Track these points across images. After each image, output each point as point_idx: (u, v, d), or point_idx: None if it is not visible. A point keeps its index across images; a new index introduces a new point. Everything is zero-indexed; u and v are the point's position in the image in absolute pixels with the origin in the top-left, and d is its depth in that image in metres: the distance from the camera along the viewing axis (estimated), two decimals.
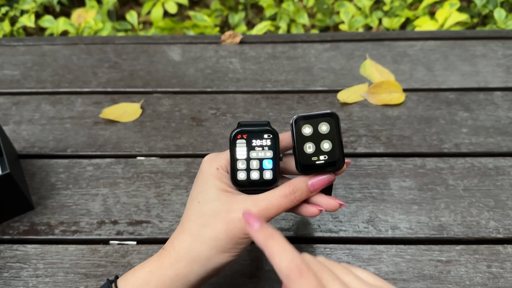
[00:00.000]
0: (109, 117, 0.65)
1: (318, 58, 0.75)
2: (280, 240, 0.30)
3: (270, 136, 0.38)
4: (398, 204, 0.54)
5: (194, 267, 0.37)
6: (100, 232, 0.52)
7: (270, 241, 0.30)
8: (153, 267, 0.37)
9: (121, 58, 0.76)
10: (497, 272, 0.47)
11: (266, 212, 0.37)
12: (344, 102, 0.67)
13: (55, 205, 0.55)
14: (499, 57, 0.73)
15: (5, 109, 0.67)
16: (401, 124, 0.63)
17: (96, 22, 1.32)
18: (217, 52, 0.77)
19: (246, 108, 0.67)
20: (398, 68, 0.72)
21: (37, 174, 0.59)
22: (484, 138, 0.61)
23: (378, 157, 0.59)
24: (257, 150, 0.38)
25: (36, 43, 0.80)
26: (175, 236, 0.38)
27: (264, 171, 0.38)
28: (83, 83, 0.72)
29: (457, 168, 0.57)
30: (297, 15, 1.36)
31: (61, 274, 0.48)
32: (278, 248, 0.29)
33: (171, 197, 0.55)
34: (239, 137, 0.38)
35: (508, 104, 0.66)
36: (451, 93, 0.68)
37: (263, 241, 0.30)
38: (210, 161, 0.40)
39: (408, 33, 0.80)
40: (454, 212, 0.53)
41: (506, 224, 0.51)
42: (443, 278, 0.47)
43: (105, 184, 0.57)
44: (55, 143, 0.62)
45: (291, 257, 0.29)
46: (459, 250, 0.49)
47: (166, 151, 0.61)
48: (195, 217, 0.38)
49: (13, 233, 0.52)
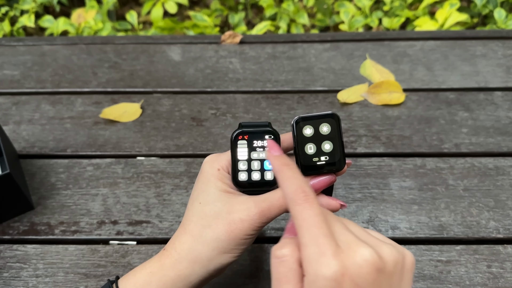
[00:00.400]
0: (109, 117, 0.65)
1: (318, 58, 0.75)
2: (294, 169, 0.31)
3: (271, 137, 0.38)
4: (398, 204, 0.54)
5: (195, 268, 0.37)
6: (100, 232, 0.52)
7: (284, 168, 0.32)
8: (154, 268, 0.37)
9: (121, 58, 0.76)
10: (497, 272, 0.47)
11: (268, 212, 0.37)
12: (344, 102, 0.67)
13: (55, 205, 0.55)
14: (499, 57, 0.73)
15: (5, 109, 0.67)
16: (401, 124, 0.63)
17: (96, 22, 1.32)
18: (217, 52, 0.77)
19: (246, 108, 0.67)
20: (398, 68, 0.72)
21: (37, 174, 0.59)
22: (484, 138, 0.61)
23: (378, 157, 0.59)
24: (258, 151, 0.38)
25: (36, 43, 0.80)
26: (176, 237, 0.38)
27: (265, 172, 0.38)
28: (83, 83, 0.72)
29: (457, 168, 0.57)
30: (297, 15, 1.36)
31: (61, 274, 0.48)
32: (290, 175, 0.31)
33: (171, 197, 0.55)
34: (240, 138, 0.38)
35: (508, 104, 0.66)
36: (451, 93, 0.68)
37: (278, 166, 0.32)
38: (211, 162, 0.40)
39: (408, 33, 0.80)
40: (454, 212, 0.53)
41: (506, 224, 0.51)
42: (443, 278, 0.47)
43: (105, 184, 0.57)
44: (55, 143, 0.62)
45: (300, 184, 0.30)
46: (459, 250, 0.49)
47: (166, 151, 0.61)
48: (196, 218, 0.38)
49: (13, 233, 0.52)
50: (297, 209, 0.29)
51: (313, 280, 0.27)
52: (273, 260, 0.30)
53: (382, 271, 0.28)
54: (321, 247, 0.27)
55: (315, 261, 0.27)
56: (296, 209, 0.29)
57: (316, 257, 0.27)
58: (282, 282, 0.28)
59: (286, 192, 0.30)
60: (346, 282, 0.26)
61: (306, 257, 0.27)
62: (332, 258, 0.27)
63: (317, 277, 0.27)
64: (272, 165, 0.33)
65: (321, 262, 0.27)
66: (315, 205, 0.29)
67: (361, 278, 0.27)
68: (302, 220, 0.28)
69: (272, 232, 0.52)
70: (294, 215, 0.29)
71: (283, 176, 0.31)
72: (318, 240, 0.27)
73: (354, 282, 0.27)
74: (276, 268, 0.29)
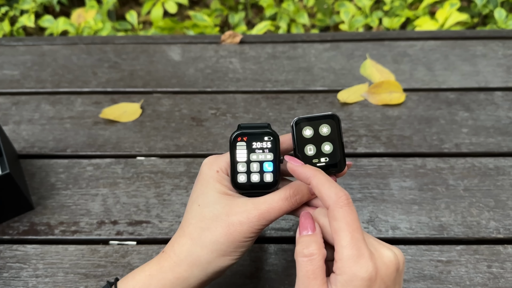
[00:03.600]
0: (109, 117, 0.65)
1: (318, 58, 0.75)
2: (326, 175, 0.34)
3: (270, 138, 0.38)
4: (398, 204, 0.54)
5: (194, 271, 0.37)
6: (100, 232, 0.52)
7: (318, 173, 0.34)
8: (153, 270, 0.37)
9: (121, 58, 0.76)
10: (497, 272, 0.47)
11: (267, 215, 0.37)
12: (344, 102, 0.67)
13: (55, 205, 0.55)
14: (499, 57, 0.73)
15: (5, 109, 0.67)
16: (401, 124, 0.63)
17: (96, 22, 1.32)
18: (217, 52, 0.77)
19: (246, 108, 0.66)
20: (398, 68, 0.72)
21: (37, 174, 0.59)
22: (484, 138, 0.61)
23: (378, 157, 0.59)
24: (257, 152, 0.38)
25: (36, 43, 0.80)
26: (175, 240, 0.38)
27: (265, 174, 0.38)
28: (83, 83, 0.71)
29: (457, 168, 0.57)
30: (297, 15, 1.36)
31: (61, 274, 0.48)
32: (326, 179, 0.34)
33: (171, 197, 0.55)
34: (239, 139, 0.38)
35: (508, 104, 0.66)
36: (451, 93, 0.68)
37: (311, 172, 0.34)
38: (210, 163, 0.39)
39: (408, 33, 0.80)
40: (454, 212, 0.53)
41: (506, 224, 0.51)
42: (443, 278, 0.47)
43: (105, 184, 0.57)
44: (55, 143, 0.62)
45: (340, 187, 0.33)
46: (459, 250, 0.49)
47: (166, 151, 0.61)
48: (196, 221, 0.38)
49: (13, 233, 0.52)
50: (341, 212, 0.31)
51: (350, 280, 0.30)
52: (300, 258, 0.32)
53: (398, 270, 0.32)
54: (360, 250, 0.30)
55: (354, 263, 0.30)
56: (340, 211, 0.31)
57: (356, 259, 0.30)
58: (310, 279, 0.31)
59: (327, 195, 0.32)
60: (377, 281, 0.30)
61: (345, 258, 0.30)
62: (369, 259, 0.30)
63: (355, 277, 0.30)
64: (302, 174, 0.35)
65: (360, 264, 0.30)
66: (355, 210, 0.32)
67: (387, 277, 0.31)
68: (346, 224, 0.31)
69: (272, 232, 0.52)
70: (337, 217, 0.31)
71: (319, 180, 0.33)
72: (358, 243, 0.30)
73: (383, 281, 0.31)
74: (305, 266, 0.32)
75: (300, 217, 0.35)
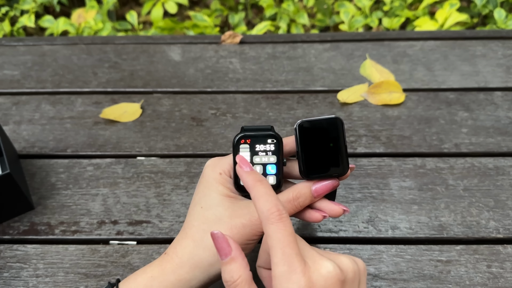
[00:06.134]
0: (109, 117, 0.65)
1: (318, 58, 0.75)
2: (267, 186, 0.32)
3: (273, 141, 0.38)
4: (398, 204, 0.54)
5: (196, 273, 0.37)
6: (100, 232, 0.52)
7: (258, 184, 0.32)
8: (155, 272, 0.37)
9: (121, 58, 0.76)
10: (497, 272, 0.47)
11: None
12: (344, 102, 0.67)
13: (55, 205, 0.55)
14: (499, 57, 0.73)
15: (5, 109, 0.67)
16: (401, 124, 0.63)
17: (96, 22, 1.32)
18: (217, 52, 0.77)
19: (246, 108, 0.67)
20: (398, 68, 0.72)
21: (37, 174, 0.59)
22: (484, 138, 0.61)
23: (378, 157, 0.59)
24: (260, 155, 0.38)
25: (36, 43, 0.80)
26: (178, 241, 0.38)
27: (268, 177, 0.38)
28: (83, 83, 0.72)
29: (457, 168, 0.57)
30: (297, 15, 1.36)
31: (61, 274, 0.48)
32: (264, 192, 0.31)
33: (171, 197, 0.55)
34: (243, 141, 0.38)
35: (508, 104, 0.66)
36: (451, 93, 0.68)
37: (251, 183, 0.32)
38: (213, 165, 0.39)
39: (408, 33, 0.80)
40: (454, 212, 0.53)
41: (506, 224, 0.51)
42: (443, 278, 0.47)
43: (105, 184, 0.57)
44: (55, 143, 0.62)
45: (274, 202, 0.31)
46: (459, 250, 0.49)
47: (166, 151, 0.61)
48: (198, 223, 0.38)
49: (13, 233, 0.52)
50: (272, 229, 0.30)
51: None
52: (226, 285, 0.31)
53: (344, 282, 0.30)
54: (292, 266, 0.29)
55: (286, 279, 0.29)
56: (271, 228, 0.30)
57: (287, 275, 0.29)
58: None
59: (260, 210, 0.31)
60: None
61: (278, 275, 0.29)
62: (301, 275, 0.29)
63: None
64: (244, 181, 0.33)
65: (291, 280, 0.29)
66: (288, 224, 0.30)
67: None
68: (276, 240, 0.30)
69: None
70: (269, 233, 0.30)
71: (257, 193, 0.31)
72: (289, 259, 0.29)
73: None
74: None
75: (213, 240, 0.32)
